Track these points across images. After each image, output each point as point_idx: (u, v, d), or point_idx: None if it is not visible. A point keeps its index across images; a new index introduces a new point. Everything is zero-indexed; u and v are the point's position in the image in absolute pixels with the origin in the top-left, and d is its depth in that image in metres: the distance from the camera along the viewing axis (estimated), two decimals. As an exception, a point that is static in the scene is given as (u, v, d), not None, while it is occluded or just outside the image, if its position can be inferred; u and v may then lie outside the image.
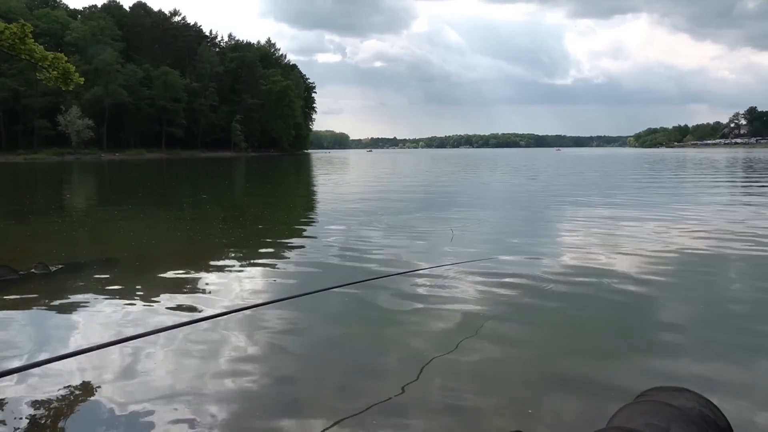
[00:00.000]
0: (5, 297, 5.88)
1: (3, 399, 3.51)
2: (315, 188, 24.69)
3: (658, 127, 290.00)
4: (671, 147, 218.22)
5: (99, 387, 3.70)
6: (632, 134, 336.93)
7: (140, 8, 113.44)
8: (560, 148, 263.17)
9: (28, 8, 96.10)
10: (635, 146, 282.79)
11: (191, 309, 5.45)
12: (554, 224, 11.46)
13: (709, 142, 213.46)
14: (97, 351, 4.12)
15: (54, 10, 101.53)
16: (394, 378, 3.80)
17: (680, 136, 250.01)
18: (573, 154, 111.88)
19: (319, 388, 3.72)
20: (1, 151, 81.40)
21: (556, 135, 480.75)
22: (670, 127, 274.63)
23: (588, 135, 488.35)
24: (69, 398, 3.55)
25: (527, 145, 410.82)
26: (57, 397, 3.54)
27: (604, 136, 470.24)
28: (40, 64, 9.01)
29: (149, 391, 3.63)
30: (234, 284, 6.49)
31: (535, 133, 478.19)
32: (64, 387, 3.68)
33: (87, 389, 3.68)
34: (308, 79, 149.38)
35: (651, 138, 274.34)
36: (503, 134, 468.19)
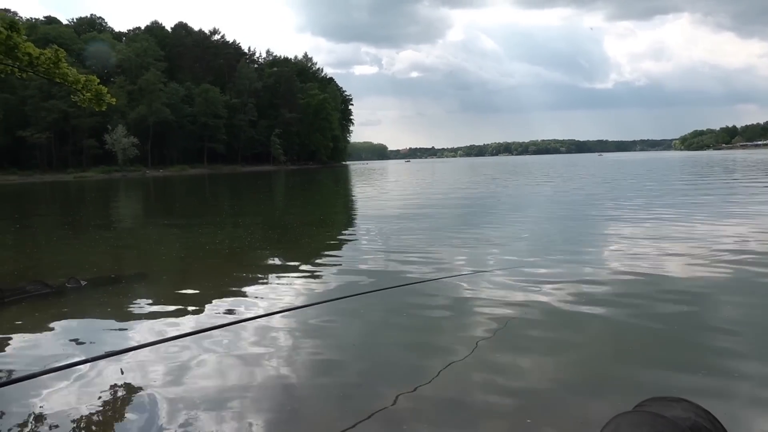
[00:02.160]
0: (37, 311, 6.14)
1: (29, 403, 3.66)
2: (352, 199, 24.85)
3: (705, 129, 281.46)
4: (719, 149, 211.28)
5: (120, 392, 3.83)
6: (677, 137, 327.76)
7: (182, 28, 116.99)
8: (602, 153, 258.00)
9: (76, 32, 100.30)
10: (680, 149, 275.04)
11: (215, 319, 5.57)
12: (598, 231, 11.24)
13: (759, 143, 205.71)
14: (120, 355, 4.28)
15: (100, 34, 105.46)
16: (424, 379, 3.86)
17: (728, 137, 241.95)
18: (616, 158, 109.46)
19: (349, 388, 3.79)
20: (53, 171, 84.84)
21: (598, 140, 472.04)
22: (717, 128, 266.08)
23: (631, 139, 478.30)
24: (81, 407, 3.68)
25: (568, 151, 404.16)
26: (88, 400, 3.68)
27: (648, 139, 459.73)
28: (74, 86, 9.34)
29: (174, 396, 3.73)
30: (258, 295, 6.59)
31: (576, 139, 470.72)
32: (90, 391, 3.82)
33: (105, 395, 3.81)
34: (345, 91, 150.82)
35: (697, 140, 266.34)
36: (543, 141, 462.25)
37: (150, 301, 6.39)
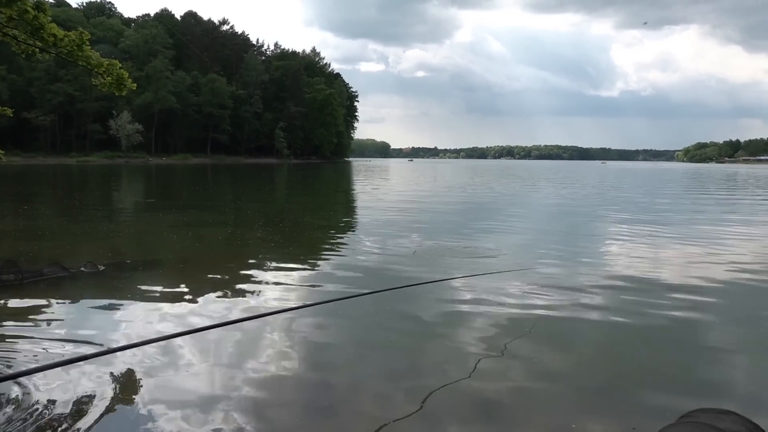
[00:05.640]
0: (56, 294, 6.11)
1: (35, 395, 3.62)
2: (354, 196, 24.83)
3: (708, 142, 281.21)
4: (722, 162, 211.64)
5: (135, 383, 3.80)
6: (680, 148, 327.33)
7: (191, 17, 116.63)
8: (605, 162, 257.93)
9: (85, 16, 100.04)
10: (683, 161, 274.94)
11: (229, 311, 5.56)
12: (595, 239, 11.25)
13: (762, 158, 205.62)
14: (133, 349, 4.26)
15: (109, 19, 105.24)
16: (426, 387, 3.79)
17: (731, 151, 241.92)
18: (620, 167, 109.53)
19: (352, 393, 3.75)
20: (56, 154, 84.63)
21: (601, 148, 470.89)
22: (721, 141, 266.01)
23: (634, 148, 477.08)
24: (102, 395, 3.65)
25: (570, 158, 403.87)
26: (90, 394, 3.65)
27: (651, 149, 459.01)
28: (95, 70, 9.31)
29: (183, 389, 3.71)
30: (271, 288, 6.59)
31: (579, 146, 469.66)
32: (101, 382, 3.80)
33: (124, 385, 3.79)
34: (351, 87, 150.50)
35: (700, 153, 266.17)
36: (546, 146, 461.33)
37: (166, 291, 6.37)
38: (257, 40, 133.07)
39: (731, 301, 6.24)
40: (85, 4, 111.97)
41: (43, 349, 4.40)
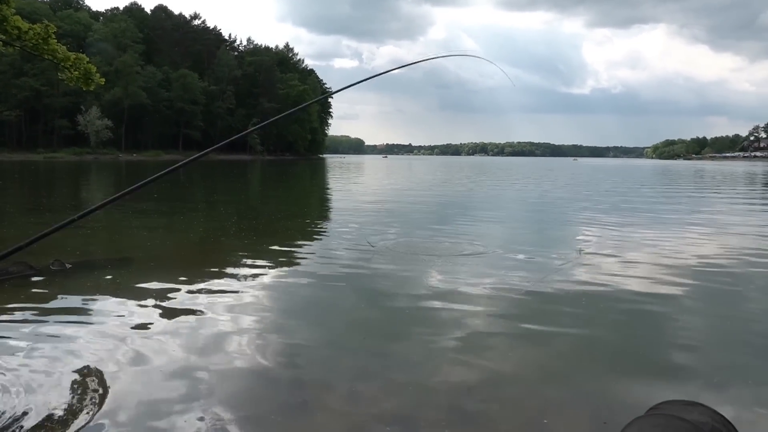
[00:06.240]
0: (23, 292, 5.97)
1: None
2: (329, 195, 24.73)
3: (676, 139, 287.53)
4: (689, 159, 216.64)
5: (94, 377, 3.73)
6: (649, 145, 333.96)
7: (161, 11, 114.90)
8: (577, 158, 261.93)
9: (52, 9, 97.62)
10: (652, 157, 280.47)
11: (200, 305, 5.48)
12: (566, 234, 11.39)
13: (727, 154, 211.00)
14: (96, 339, 4.16)
15: (77, 12, 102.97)
16: (392, 388, 3.79)
17: (698, 148, 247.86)
18: (592, 164, 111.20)
19: (322, 390, 3.74)
20: (22, 150, 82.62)
21: (573, 144, 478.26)
22: (688, 138, 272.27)
23: (605, 145, 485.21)
24: (59, 383, 3.58)
25: (543, 154, 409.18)
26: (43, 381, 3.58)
27: (621, 146, 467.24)
28: (62, 64, 9.11)
29: (150, 384, 3.66)
30: (242, 282, 6.52)
31: (551, 143, 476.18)
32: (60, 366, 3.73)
33: (81, 374, 3.71)
34: (325, 84, 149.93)
35: (668, 149, 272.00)
36: (519, 143, 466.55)
37: (136, 289, 6.26)
38: (229, 35, 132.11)
39: (699, 298, 6.35)
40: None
41: (9, 345, 4.29)
